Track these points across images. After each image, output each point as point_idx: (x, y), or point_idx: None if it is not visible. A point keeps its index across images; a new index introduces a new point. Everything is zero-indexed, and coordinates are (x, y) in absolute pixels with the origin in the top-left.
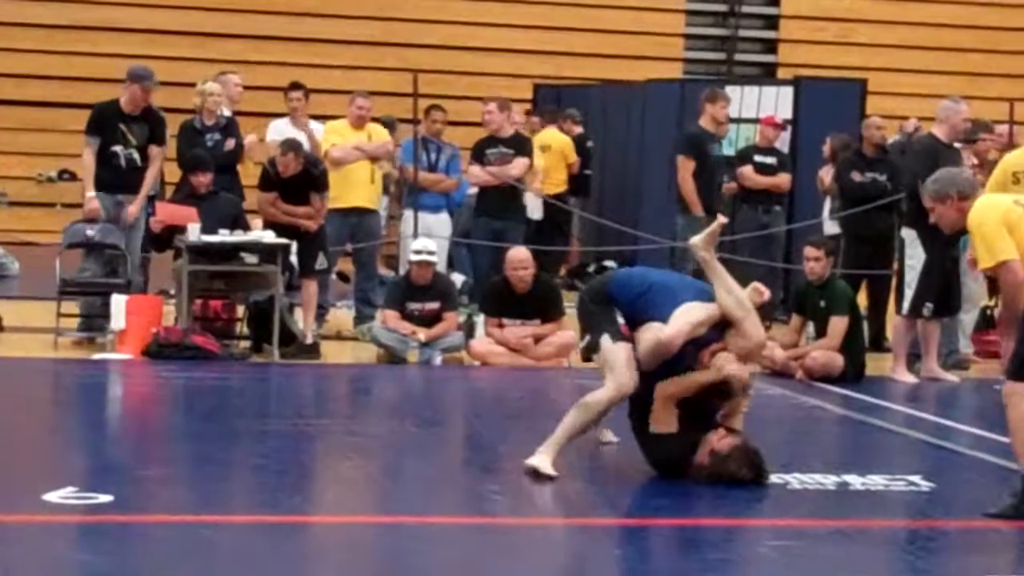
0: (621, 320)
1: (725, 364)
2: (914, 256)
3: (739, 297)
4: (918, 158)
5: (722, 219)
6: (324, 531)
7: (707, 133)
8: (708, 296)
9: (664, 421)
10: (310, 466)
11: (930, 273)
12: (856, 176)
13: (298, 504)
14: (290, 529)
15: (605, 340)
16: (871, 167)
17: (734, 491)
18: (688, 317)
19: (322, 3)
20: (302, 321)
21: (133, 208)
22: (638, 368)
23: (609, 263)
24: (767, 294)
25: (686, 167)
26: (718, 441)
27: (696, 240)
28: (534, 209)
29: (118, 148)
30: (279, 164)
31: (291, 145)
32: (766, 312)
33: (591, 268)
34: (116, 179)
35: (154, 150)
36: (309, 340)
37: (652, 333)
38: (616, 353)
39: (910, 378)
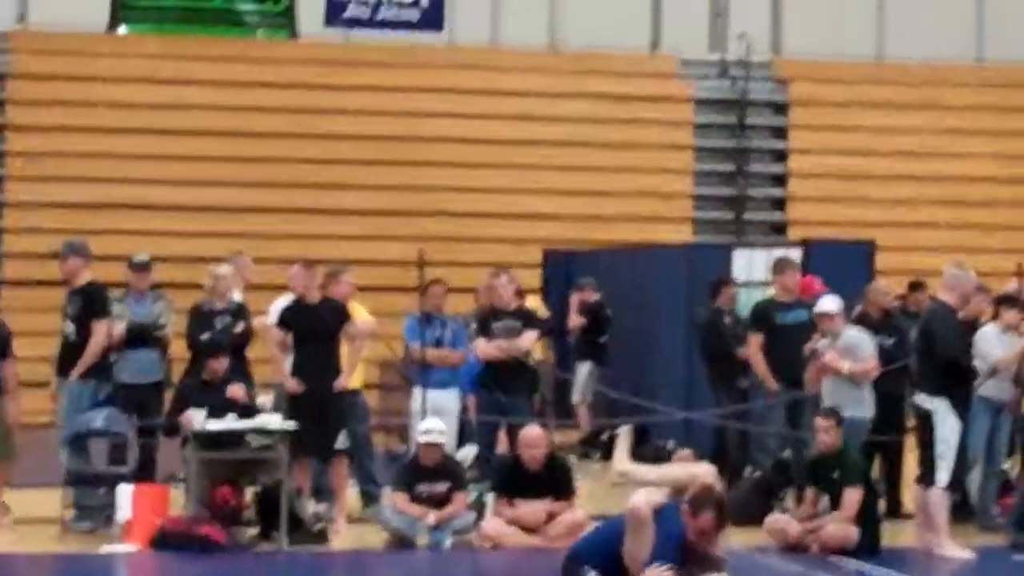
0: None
1: None
2: (946, 425)
3: (666, 474)
4: (941, 327)
5: (627, 427)
6: None
7: (775, 303)
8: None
9: None
10: None
11: (962, 442)
12: None
13: None
14: None
15: None
16: (877, 332)
17: None
18: (644, 493)
19: (331, 176)
20: (313, 505)
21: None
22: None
23: (623, 431)
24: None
25: (754, 341)
26: None
27: (613, 471)
28: None
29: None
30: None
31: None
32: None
33: (604, 437)
34: (60, 357)
35: (94, 323)
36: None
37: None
38: None
39: (963, 553)
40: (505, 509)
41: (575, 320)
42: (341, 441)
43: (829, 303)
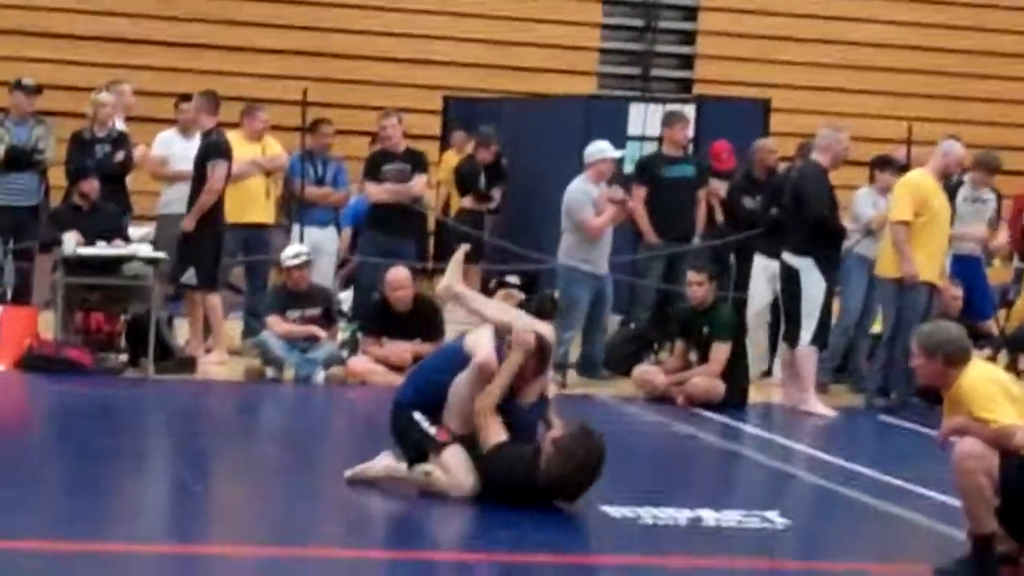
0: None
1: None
2: (812, 285)
3: (499, 314)
4: (811, 186)
5: (465, 247)
6: (180, 563)
7: (661, 156)
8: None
9: (493, 432)
10: (163, 491)
11: (828, 301)
12: (747, 202)
13: (153, 533)
14: (140, 560)
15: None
16: (762, 191)
17: (574, 524)
18: (480, 337)
19: (224, 11)
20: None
21: None
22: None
23: (512, 279)
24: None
25: (638, 194)
26: (557, 433)
27: (442, 287)
28: None
29: None
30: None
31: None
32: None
33: (491, 285)
34: None
35: None
36: (192, 353)
37: (465, 373)
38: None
39: (828, 411)
40: (373, 347)
41: None
42: (188, 276)
43: (613, 149)
